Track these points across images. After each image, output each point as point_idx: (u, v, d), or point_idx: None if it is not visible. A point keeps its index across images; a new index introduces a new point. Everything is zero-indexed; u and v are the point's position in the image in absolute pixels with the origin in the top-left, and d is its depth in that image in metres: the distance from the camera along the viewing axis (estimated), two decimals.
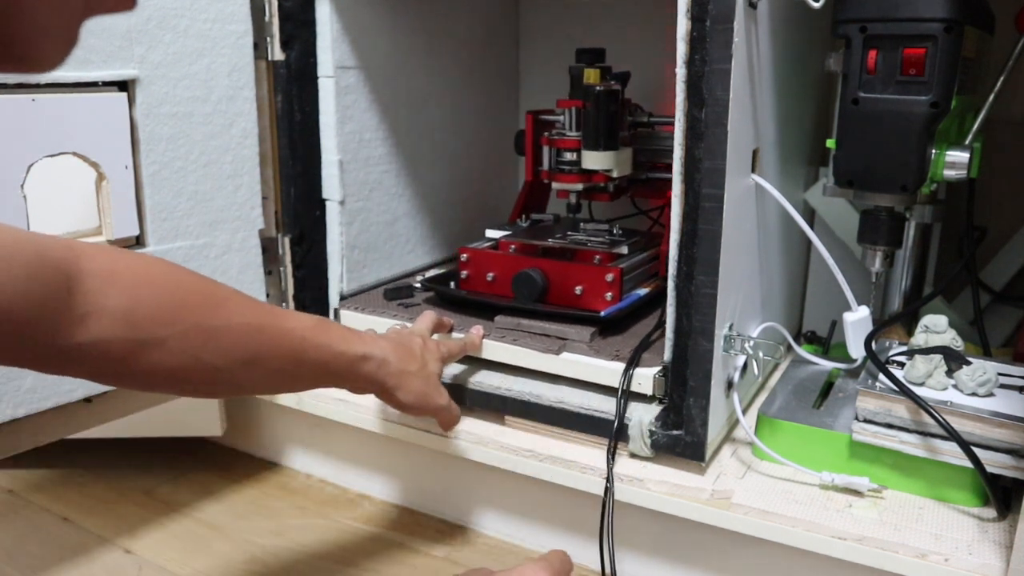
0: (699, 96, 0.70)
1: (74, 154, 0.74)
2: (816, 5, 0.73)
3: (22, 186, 0.70)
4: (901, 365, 0.80)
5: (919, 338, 0.82)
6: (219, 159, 0.85)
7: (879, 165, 0.79)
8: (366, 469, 1.01)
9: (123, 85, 0.77)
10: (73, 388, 0.77)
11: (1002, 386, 0.75)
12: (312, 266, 0.98)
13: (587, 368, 0.85)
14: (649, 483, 0.78)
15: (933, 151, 0.79)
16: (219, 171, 0.86)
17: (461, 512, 0.95)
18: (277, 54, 0.90)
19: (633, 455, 0.81)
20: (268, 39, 0.89)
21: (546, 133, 1.03)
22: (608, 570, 0.76)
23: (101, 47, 0.75)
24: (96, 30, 0.74)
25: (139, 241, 0.81)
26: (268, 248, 0.93)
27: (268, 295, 0.94)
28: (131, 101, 0.78)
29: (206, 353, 0.58)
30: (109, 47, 0.75)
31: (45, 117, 0.72)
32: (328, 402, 0.96)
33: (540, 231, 1.03)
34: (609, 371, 0.83)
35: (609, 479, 0.78)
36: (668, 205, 0.75)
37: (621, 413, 0.79)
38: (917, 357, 0.77)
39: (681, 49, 0.70)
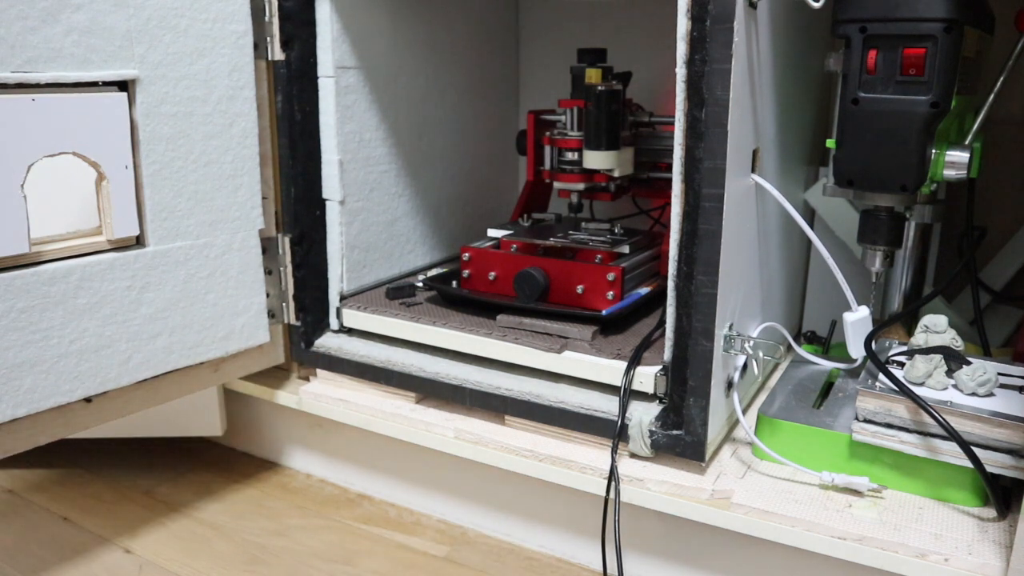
0: (699, 96, 0.70)
1: (74, 154, 0.74)
2: (816, 5, 0.73)
3: (22, 186, 0.70)
4: (901, 365, 0.80)
5: (919, 338, 0.82)
6: (219, 159, 0.85)
7: (879, 165, 0.79)
8: (366, 469, 1.01)
9: (123, 85, 0.77)
10: (73, 388, 0.77)
11: (1002, 386, 0.75)
12: (312, 266, 0.98)
13: (589, 366, 0.85)
14: (649, 483, 0.78)
15: (933, 151, 0.79)
16: (219, 171, 0.86)
17: (461, 512, 0.95)
18: (277, 54, 0.90)
19: (633, 455, 0.81)
20: (268, 39, 0.89)
21: (548, 133, 1.03)
22: (616, 568, 0.76)
23: (101, 47, 0.75)
24: (96, 30, 0.74)
25: (139, 241, 0.81)
26: (268, 248, 0.93)
27: (268, 295, 0.94)
28: (131, 101, 0.78)
29: None
30: (109, 47, 0.75)
31: (45, 117, 0.72)
32: (328, 402, 0.96)
33: (542, 230, 1.03)
34: (611, 369, 0.83)
35: (614, 476, 0.78)
36: (669, 205, 0.75)
37: (623, 411, 0.79)
38: (917, 357, 0.77)
39: (681, 49, 0.70)
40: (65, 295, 0.75)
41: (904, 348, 0.84)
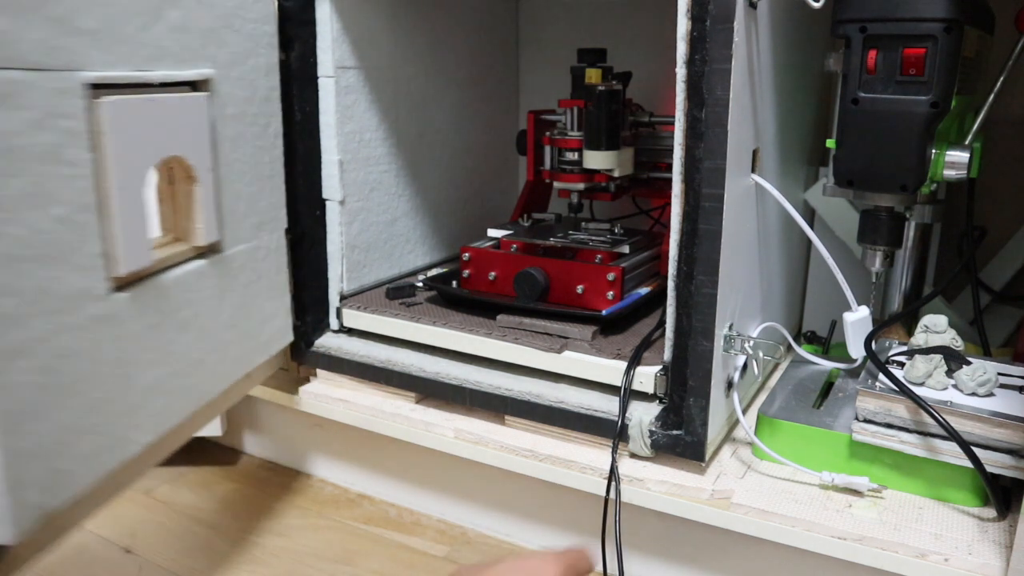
0: (699, 96, 0.70)
1: (176, 157, 0.71)
2: (816, 5, 0.73)
3: (144, 191, 0.67)
4: (901, 365, 0.80)
5: (919, 338, 0.82)
6: (261, 159, 0.84)
7: (879, 165, 0.79)
8: (366, 469, 1.01)
9: (200, 85, 0.74)
10: (185, 406, 0.74)
11: (1002, 386, 0.75)
12: (312, 266, 0.98)
13: (589, 367, 0.85)
14: (649, 483, 0.78)
15: (933, 151, 0.79)
16: (261, 172, 0.84)
17: (461, 512, 0.95)
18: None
19: (633, 455, 0.81)
20: None
21: (548, 133, 1.03)
22: (617, 568, 0.76)
23: (192, 46, 0.72)
24: (188, 27, 0.71)
25: (216, 247, 0.77)
26: None
27: None
28: (209, 101, 0.75)
29: None
30: (195, 45, 0.73)
31: (158, 118, 0.69)
32: (328, 402, 0.96)
33: (542, 230, 1.03)
34: (611, 369, 0.83)
35: (614, 476, 0.78)
36: (669, 205, 0.75)
37: (623, 411, 0.79)
38: (917, 357, 0.77)
39: (681, 49, 0.70)
40: (173, 308, 0.71)
41: (904, 348, 0.84)
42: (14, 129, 0.54)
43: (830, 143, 0.82)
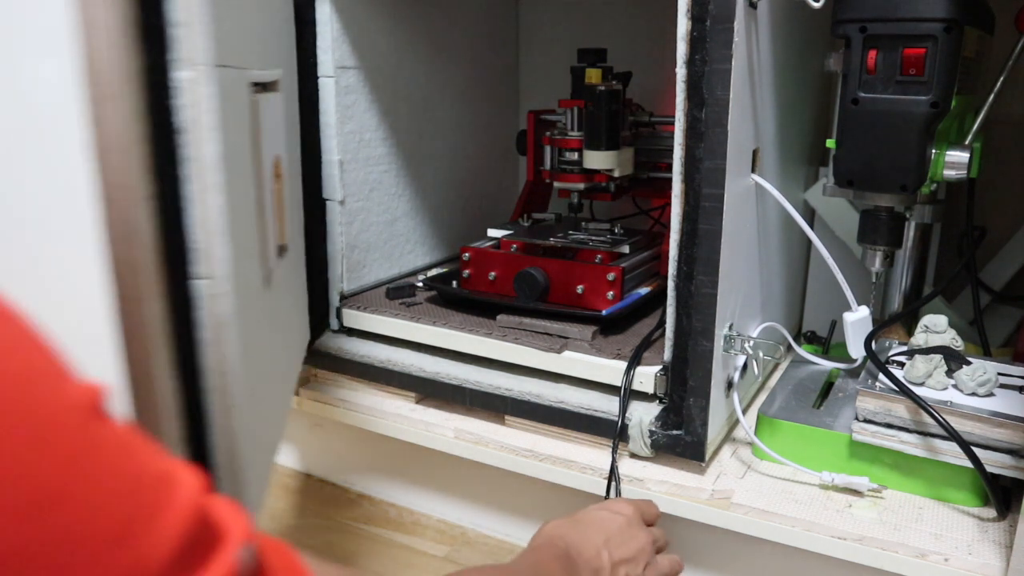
0: (699, 96, 0.70)
1: (277, 155, 0.72)
2: (816, 5, 0.73)
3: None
4: (901, 365, 0.80)
5: (919, 338, 0.82)
6: (291, 159, 0.84)
7: (879, 165, 0.79)
8: (366, 469, 1.01)
9: (270, 86, 0.73)
10: (287, 403, 0.78)
11: (1002, 386, 0.75)
12: (312, 266, 0.98)
13: (589, 367, 0.85)
14: (649, 483, 0.78)
15: (933, 151, 0.79)
16: (295, 170, 0.85)
17: (461, 512, 0.95)
18: None
19: (633, 455, 0.81)
20: None
21: (548, 133, 1.03)
22: None
23: (273, 47, 0.73)
24: (268, 30, 0.72)
25: (286, 246, 0.78)
26: None
27: None
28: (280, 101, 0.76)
29: None
30: (274, 45, 0.73)
31: (269, 118, 0.69)
32: (328, 402, 0.96)
33: (542, 230, 1.03)
34: (611, 369, 0.83)
35: (614, 476, 0.78)
36: (669, 205, 0.75)
37: (623, 411, 0.79)
38: (917, 357, 0.77)
39: (681, 49, 0.70)
40: (275, 305, 0.72)
41: (904, 348, 0.84)
42: (229, 127, 0.55)
43: (830, 143, 0.82)
